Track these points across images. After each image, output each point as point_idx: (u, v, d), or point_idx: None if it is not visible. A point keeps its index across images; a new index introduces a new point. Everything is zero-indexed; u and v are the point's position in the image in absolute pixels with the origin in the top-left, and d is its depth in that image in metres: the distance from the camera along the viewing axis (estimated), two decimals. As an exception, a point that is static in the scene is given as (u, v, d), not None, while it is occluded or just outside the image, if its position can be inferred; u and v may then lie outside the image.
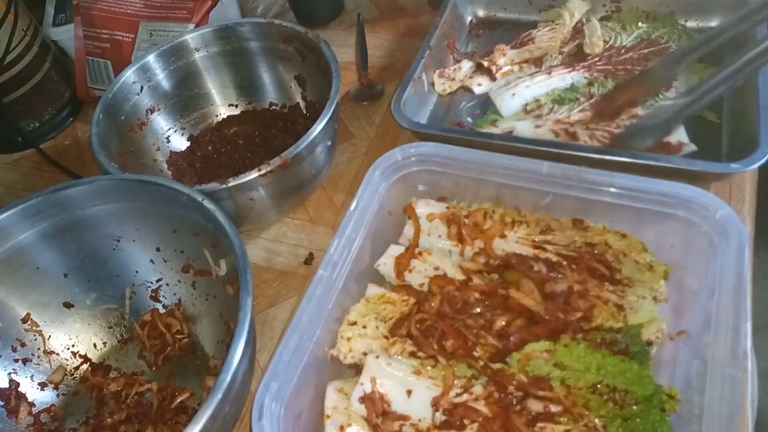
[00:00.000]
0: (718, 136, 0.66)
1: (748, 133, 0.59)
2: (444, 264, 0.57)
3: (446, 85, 0.81)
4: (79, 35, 0.86)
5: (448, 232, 0.59)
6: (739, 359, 0.42)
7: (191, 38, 0.73)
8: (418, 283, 0.57)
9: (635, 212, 0.54)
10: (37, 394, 0.57)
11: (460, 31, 0.89)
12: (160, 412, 0.55)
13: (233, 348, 0.42)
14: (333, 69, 0.64)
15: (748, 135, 0.59)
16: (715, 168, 0.57)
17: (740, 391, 0.41)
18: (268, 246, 0.69)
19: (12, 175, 0.86)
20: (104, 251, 0.59)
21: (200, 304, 0.61)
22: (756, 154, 0.56)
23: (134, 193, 0.55)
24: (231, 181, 0.56)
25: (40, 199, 0.54)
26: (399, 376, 0.49)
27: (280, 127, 0.77)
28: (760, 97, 0.61)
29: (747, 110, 0.62)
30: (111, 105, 0.67)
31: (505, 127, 0.72)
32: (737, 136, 0.64)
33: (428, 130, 0.70)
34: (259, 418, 0.44)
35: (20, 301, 0.56)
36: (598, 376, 0.46)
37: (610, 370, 0.46)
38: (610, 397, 0.45)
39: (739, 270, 0.46)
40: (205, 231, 0.53)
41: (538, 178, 0.56)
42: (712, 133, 0.67)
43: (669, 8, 0.79)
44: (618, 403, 0.45)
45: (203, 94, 0.78)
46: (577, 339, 0.49)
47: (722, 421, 0.40)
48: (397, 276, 0.57)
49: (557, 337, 0.49)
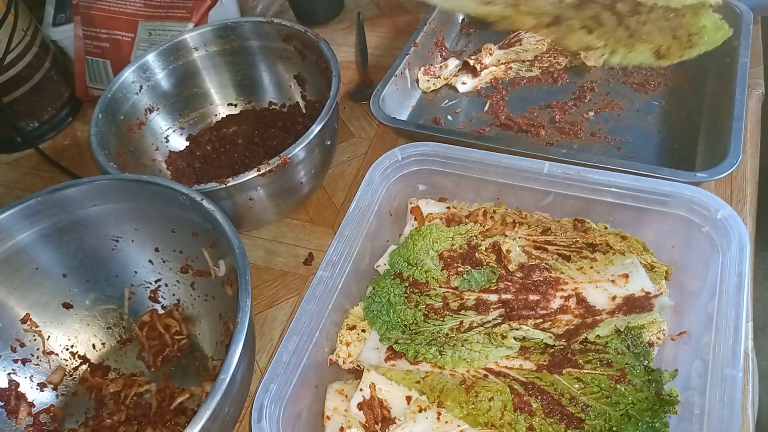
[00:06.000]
0: (695, 144, 0.68)
1: (721, 143, 0.60)
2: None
3: (431, 82, 0.82)
4: (78, 35, 0.86)
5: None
6: (740, 359, 0.42)
7: (190, 37, 0.73)
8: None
9: (636, 212, 0.54)
10: (36, 395, 0.57)
11: (450, 29, 0.90)
12: (159, 413, 0.55)
13: (232, 349, 0.42)
14: (333, 68, 0.64)
15: (721, 144, 0.60)
16: (682, 177, 0.57)
17: (741, 391, 0.41)
18: (267, 246, 0.69)
19: (11, 174, 0.85)
20: (103, 251, 0.59)
21: (199, 305, 0.61)
22: (723, 164, 0.57)
23: (133, 193, 0.55)
24: (230, 181, 0.56)
25: (39, 199, 0.53)
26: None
27: (280, 127, 0.77)
28: (735, 108, 0.62)
29: (722, 120, 0.63)
30: (110, 105, 0.67)
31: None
32: (711, 145, 0.65)
33: (401, 125, 0.72)
34: (259, 419, 0.43)
35: (19, 301, 0.56)
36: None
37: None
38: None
39: (739, 270, 0.46)
40: (204, 231, 0.53)
41: (539, 178, 0.56)
42: (688, 142, 0.68)
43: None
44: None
45: (202, 93, 0.78)
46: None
47: (723, 422, 0.40)
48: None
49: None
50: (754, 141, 0.67)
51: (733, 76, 0.65)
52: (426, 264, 0.55)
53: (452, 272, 0.55)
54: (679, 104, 0.73)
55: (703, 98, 0.72)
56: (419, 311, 0.52)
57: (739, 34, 0.70)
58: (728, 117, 0.61)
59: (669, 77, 0.76)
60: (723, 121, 0.62)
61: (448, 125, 0.77)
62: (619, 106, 0.74)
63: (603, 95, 0.76)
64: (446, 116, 0.79)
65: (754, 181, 0.64)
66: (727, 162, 0.57)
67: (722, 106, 0.65)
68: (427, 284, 0.54)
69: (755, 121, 0.69)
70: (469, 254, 0.56)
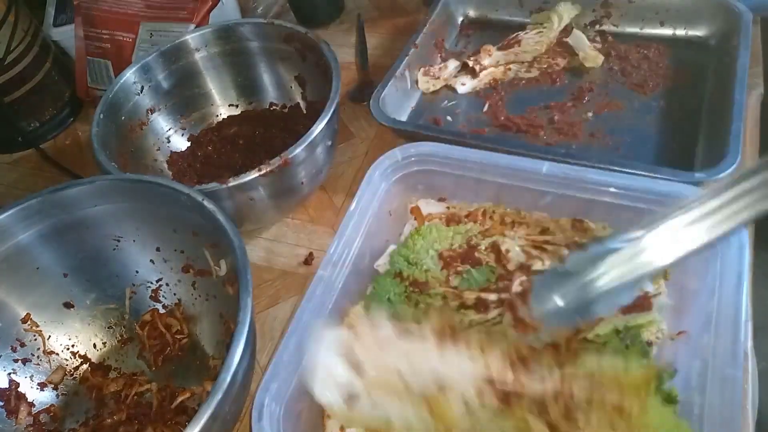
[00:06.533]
0: (694, 144, 0.68)
1: (720, 143, 0.60)
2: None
3: (430, 83, 0.82)
4: (79, 35, 0.86)
5: (448, 232, 0.59)
6: (740, 359, 0.42)
7: (191, 38, 0.73)
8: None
9: (636, 212, 0.54)
10: (36, 395, 0.57)
11: (450, 31, 0.90)
12: (160, 413, 0.55)
13: (233, 348, 0.42)
14: (333, 69, 0.64)
15: (720, 144, 0.60)
16: (681, 177, 0.57)
17: (741, 391, 0.41)
18: (268, 246, 0.69)
19: (12, 175, 0.86)
20: (104, 251, 0.59)
21: (200, 304, 0.61)
22: (722, 164, 0.57)
23: (134, 193, 0.55)
24: (231, 181, 0.56)
25: (40, 199, 0.53)
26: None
27: (281, 127, 0.77)
28: (734, 108, 0.61)
29: (721, 120, 0.63)
30: (111, 105, 0.67)
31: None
32: (710, 145, 0.65)
33: (400, 126, 0.72)
34: (259, 418, 0.44)
35: (20, 301, 0.56)
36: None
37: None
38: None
39: (739, 270, 0.46)
40: (205, 231, 0.53)
41: (538, 178, 0.56)
42: (687, 142, 0.68)
43: (657, 16, 0.80)
44: None
45: (203, 94, 0.78)
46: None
47: (723, 422, 0.40)
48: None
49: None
50: (753, 141, 0.68)
51: (732, 76, 0.66)
52: (426, 263, 0.55)
53: (452, 272, 0.55)
54: (678, 104, 0.73)
55: (703, 98, 0.72)
56: (419, 311, 0.53)
57: (738, 34, 0.70)
58: (727, 117, 0.61)
59: (668, 77, 0.76)
60: (722, 121, 0.62)
61: (447, 126, 0.77)
62: (617, 107, 0.75)
63: (602, 96, 0.76)
64: (446, 117, 0.79)
65: (753, 181, 0.64)
66: (727, 162, 0.57)
67: (721, 106, 0.65)
68: (427, 283, 0.55)
69: (754, 121, 0.69)
70: (469, 254, 0.56)
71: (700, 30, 0.79)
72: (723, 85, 0.68)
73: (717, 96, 0.70)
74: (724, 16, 0.75)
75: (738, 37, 0.70)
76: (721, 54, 0.74)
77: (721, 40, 0.76)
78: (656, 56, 0.79)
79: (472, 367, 0.46)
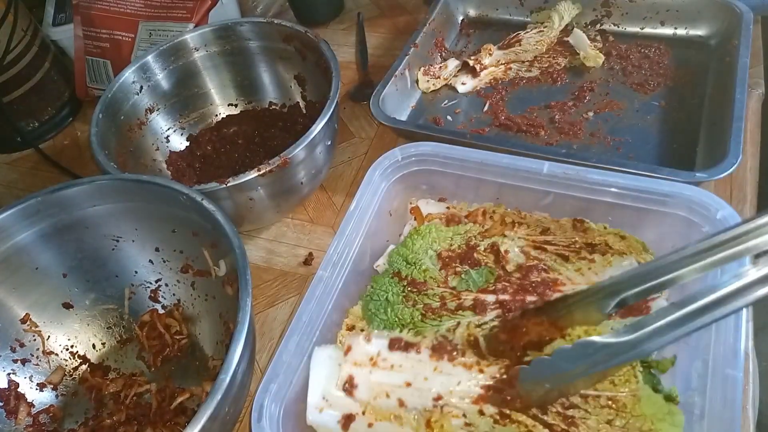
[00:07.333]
0: (694, 144, 0.67)
1: (721, 143, 0.60)
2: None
3: (430, 82, 0.82)
4: (78, 35, 0.86)
5: (448, 232, 0.59)
6: (740, 360, 0.42)
7: (191, 38, 0.73)
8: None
9: (636, 212, 0.54)
10: (36, 395, 0.57)
11: (450, 30, 0.90)
12: (159, 413, 0.55)
13: (232, 348, 0.42)
14: (333, 68, 0.64)
15: (721, 144, 0.60)
16: (682, 177, 0.57)
17: (741, 391, 0.41)
18: (267, 246, 0.69)
19: (11, 174, 0.86)
20: (103, 251, 0.59)
21: (199, 305, 0.61)
22: (723, 164, 0.57)
23: (133, 193, 0.55)
24: (230, 181, 0.56)
25: (39, 199, 0.53)
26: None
27: (280, 127, 0.77)
28: (735, 108, 0.61)
29: (722, 120, 0.63)
30: (110, 105, 0.67)
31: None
32: (711, 145, 0.65)
33: (401, 125, 0.72)
34: (259, 419, 0.43)
35: (19, 301, 0.56)
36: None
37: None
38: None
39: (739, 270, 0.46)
40: (204, 231, 0.53)
41: (539, 178, 0.56)
42: (688, 142, 0.68)
43: (658, 15, 0.80)
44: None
45: (203, 93, 0.78)
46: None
47: (723, 422, 0.40)
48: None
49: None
50: (754, 141, 0.67)
51: (733, 76, 0.65)
52: (424, 263, 0.55)
53: (450, 272, 0.55)
54: (678, 104, 0.73)
55: (703, 98, 0.72)
56: (417, 310, 0.52)
57: (739, 34, 0.70)
58: (728, 117, 0.61)
59: (669, 77, 0.76)
60: (723, 121, 0.62)
61: (447, 125, 0.77)
62: (618, 106, 0.74)
63: (602, 95, 0.76)
64: (446, 116, 0.79)
65: (754, 181, 0.64)
66: (727, 162, 0.57)
67: (722, 106, 0.65)
68: (425, 284, 0.54)
69: (755, 121, 0.69)
70: (468, 254, 0.56)
71: (700, 30, 0.79)
72: (724, 85, 0.68)
73: (718, 96, 0.70)
74: (725, 15, 0.75)
75: (739, 37, 0.70)
76: (722, 54, 0.74)
77: (721, 39, 0.76)
78: (657, 56, 0.79)
79: (469, 378, 0.47)
